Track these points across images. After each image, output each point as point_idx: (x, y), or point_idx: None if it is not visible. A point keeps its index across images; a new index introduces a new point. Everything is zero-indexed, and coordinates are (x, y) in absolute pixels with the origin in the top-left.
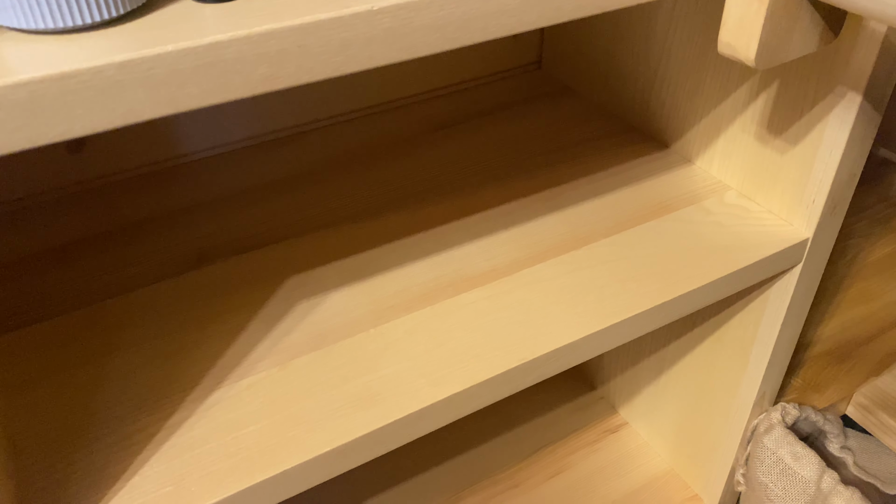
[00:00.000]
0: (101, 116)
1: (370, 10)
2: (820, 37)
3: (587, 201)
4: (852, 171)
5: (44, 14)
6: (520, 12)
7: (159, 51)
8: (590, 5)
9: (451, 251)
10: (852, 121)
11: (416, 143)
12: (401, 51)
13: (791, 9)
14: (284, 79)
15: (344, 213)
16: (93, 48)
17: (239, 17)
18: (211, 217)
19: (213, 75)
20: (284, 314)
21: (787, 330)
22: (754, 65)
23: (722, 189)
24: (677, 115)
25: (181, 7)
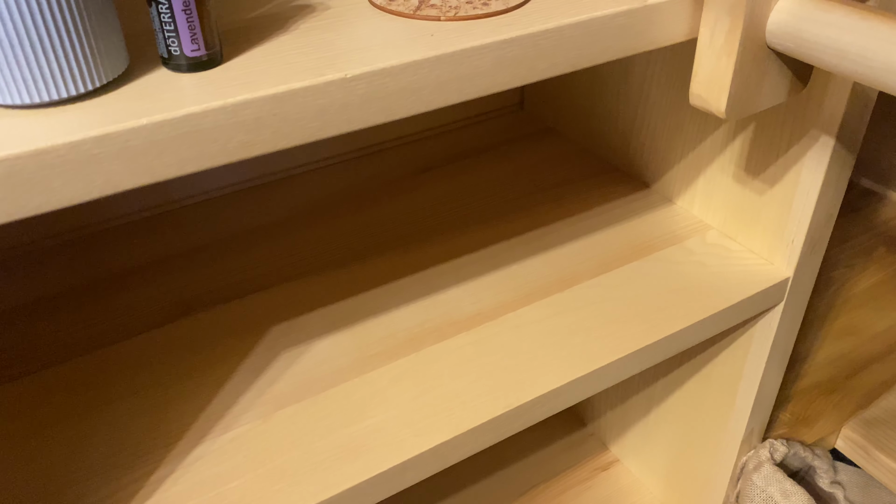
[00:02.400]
0: (79, 189)
1: (344, 77)
2: (789, 88)
3: (571, 242)
4: (829, 211)
5: (20, 90)
6: (494, 73)
7: (135, 124)
8: (563, 64)
9: (436, 295)
10: (827, 162)
11: (401, 185)
12: (377, 114)
13: (759, 62)
14: (261, 145)
15: (329, 259)
16: (70, 122)
17: (216, 86)
18: (196, 265)
19: (189, 145)
20: (269, 364)
21: (773, 366)
22: (725, 117)
23: (703, 229)
24: (657, 155)
25: (159, 77)
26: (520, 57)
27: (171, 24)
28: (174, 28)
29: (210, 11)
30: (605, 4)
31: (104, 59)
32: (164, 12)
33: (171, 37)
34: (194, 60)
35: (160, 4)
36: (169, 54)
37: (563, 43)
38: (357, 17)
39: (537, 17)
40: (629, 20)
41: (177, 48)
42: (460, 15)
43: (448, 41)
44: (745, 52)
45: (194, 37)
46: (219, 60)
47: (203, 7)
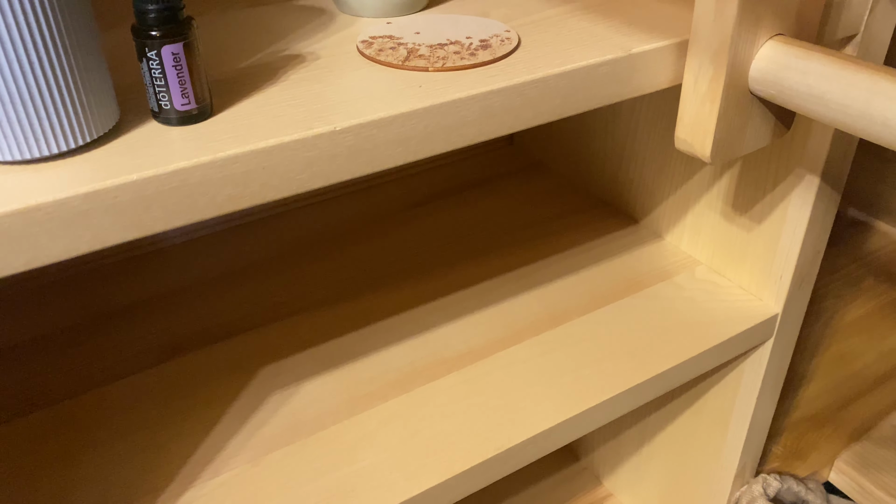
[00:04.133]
0: (66, 245)
1: (333, 130)
2: (772, 132)
3: (561, 279)
4: (816, 247)
5: (10, 146)
6: (481, 123)
7: (124, 180)
8: (548, 113)
9: (427, 333)
10: (813, 200)
11: (391, 222)
12: (364, 165)
13: (743, 108)
14: (249, 198)
15: (318, 297)
16: (59, 178)
17: (205, 139)
18: (184, 305)
19: (178, 199)
20: (258, 406)
21: (764, 400)
22: (710, 161)
23: (692, 264)
24: (646, 191)
25: (148, 130)
26: (506, 106)
27: (161, 79)
28: (164, 83)
29: (200, 66)
30: (590, 53)
31: (95, 115)
32: (154, 68)
33: (161, 91)
34: (184, 114)
35: (151, 60)
36: (159, 108)
37: (549, 92)
38: (346, 67)
39: (523, 67)
40: (614, 69)
41: (167, 102)
42: (448, 66)
43: (436, 92)
44: (729, 98)
45: (184, 91)
46: (209, 113)
47: (194, 62)
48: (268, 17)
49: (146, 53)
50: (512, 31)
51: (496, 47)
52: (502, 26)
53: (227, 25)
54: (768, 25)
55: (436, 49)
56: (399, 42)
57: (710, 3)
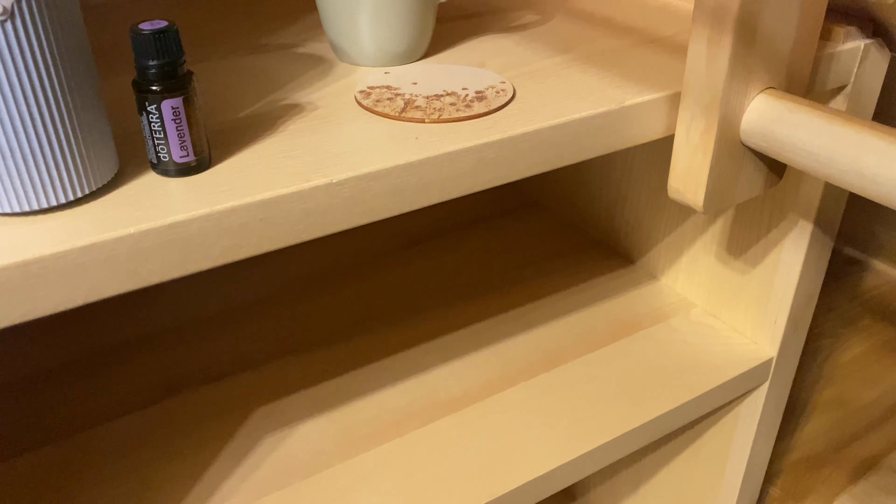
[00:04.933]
0: (63, 297)
1: (330, 182)
2: (765, 181)
3: (557, 320)
4: (810, 291)
5: (10, 199)
6: (475, 174)
7: (122, 233)
8: (542, 164)
9: (422, 374)
10: (806, 246)
11: (387, 260)
12: (361, 216)
13: (735, 158)
14: (245, 249)
15: (313, 337)
16: (58, 230)
17: (203, 191)
18: (178, 344)
19: (175, 251)
20: (252, 448)
21: (761, 442)
22: (703, 211)
23: (687, 306)
24: (641, 232)
25: (147, 181)
26: (500, 158)
27: (160, 132)
28: (164, 136)
29: (200, 119)
30: (584, 105)
31: (94, 168)
32: (154, 121)
33: (160, 144)
34: (183, 166)
35: (150, 114)
36: (158, 160)
37: (543, 144)
38: (344, 118)
39: (518, 119)
40: (607, 121)
41: (166, 154)
42: (444, 117)
43: (431, 144)
44: (721, 149)
45: (183, 144)
46: (207, 165)
47: (193, 116)
48: (267, 65)
49: (146, 107)
50: (507, 83)
51: (491, 99)
52: (497, 77)
53: (228, 73)
54: (759, 79)
55: (432, 100)
56: (396, 93)
57: (701, 57)
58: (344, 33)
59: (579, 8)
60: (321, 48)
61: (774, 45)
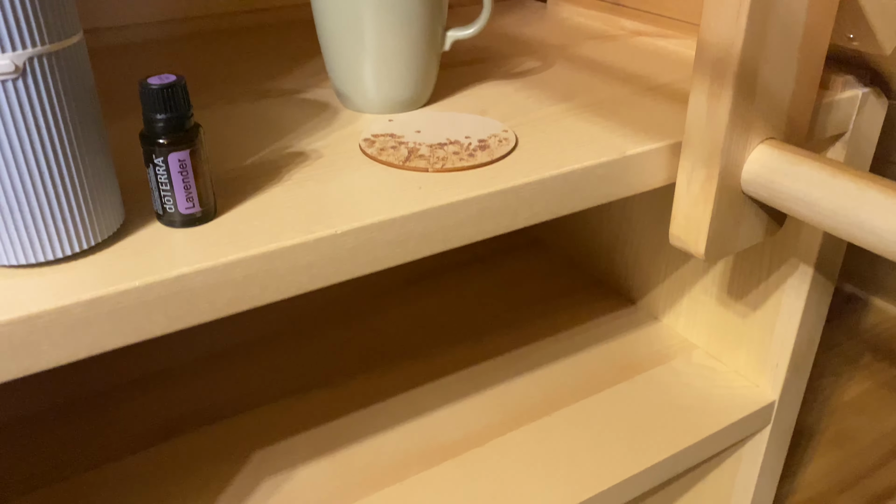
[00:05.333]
0: (66, 351)
1: (335, 233)
2: (765, 229)
3: (558, 361)
4: (811, 335)
5: (16, 251)
6: (478, 223)
7: (127, 286)
8: (544, 213)
9: (422, 418)
10: (807, 290)
11: (388, 298)
12: (363, 266)
13: (736, 207)
14: (249, 301)
15: (312, 378)
16: (63, 283)
17: (208, 243)
18: (178, 385)
19: (179, 304)
20: (252, 492)
21: (763, 485)
22: (704, 259)
23: (689, 348)
24: (642, 272)
25: (152, 232)
26: (503, 207)
27: (167, 184)
28: (170, 188)
29: (206, 171)
30: (586, 155)
31: (101, 219)
32: (160, 174)
33: (166, 195)
34: (188, 217)
35: (157, 167)
36: (164, 211)
37: (545, 193)
38: (348, 166)
39: (520, 168)
40: (609, 170)
41: (172, 206)
42: (447, 167)
43: (435, 194)
44: (722, 199)
45: (189, 195)
46: (212, 215)
47: (199, 168)
48: (273, 111)
49: (153, 160)
50: (510, 131)
51: (494, 148)
52: (500, 126)
53: (234, 119)
54: (759, 130)
55: (436, 149)
56: (400, 141)
57: (702, 109)
58: (349, 81)
59: (579, 54)
60: (326, 94)
61: (774, 98)
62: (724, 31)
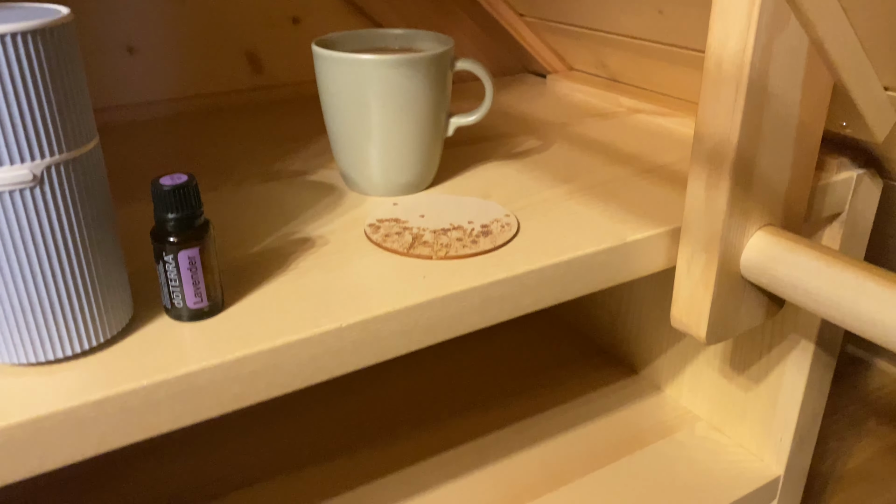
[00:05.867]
0: (73, 450)
1: (339, 327)
2: (766, 312)
3: (562, 434)
4: (815, 410)
5: (26, 350)
6: (482, 311)
7: (135, 386)
8: (547, 299)
9: (424, 494)
10: (808, 366)
11: (390, 369)
12: (367, 357)
13: (736, 291)
14: (254, 395)
15: (314, 450)
16: (71, 382)
17: (215, 337)
18: (179, 457)
19: (185, 401)
20: None
21: None
22: (706, 343)
23: (692, 420)
24: (644, 342)
25: (160, 326)
26: (506, 295)
27: (176, 280)
28: (179, 284)
29: (214, 266)
30: (587, 242)
31: (110, 317)
32: (170, 270)
33: (175, 291)
34: (196, 311)
35: (167, 264)
36: (172, 305)
37: (547, 281)
38: (354, 254)
39: (522, 255)
40: (610, 257)
41: (180, 301)
42: (451, 254)
43: (439, 284)
44: (722, 284)
45: (198, 290)
46: (219, 308)
47: (208, 264)
48: (279, 194)
49: (163, 257)
50: (511, 216)
51: (496, 234)
52: (502, 210)
53: (241, 202)
54: (757, 217)
55: (439, 235)
56: (404, 226)
57: (700, 198)
58: (355, 166)
59: (578, 133)
60: (332, 175)
61: (771, 186)
62: (720, 125)
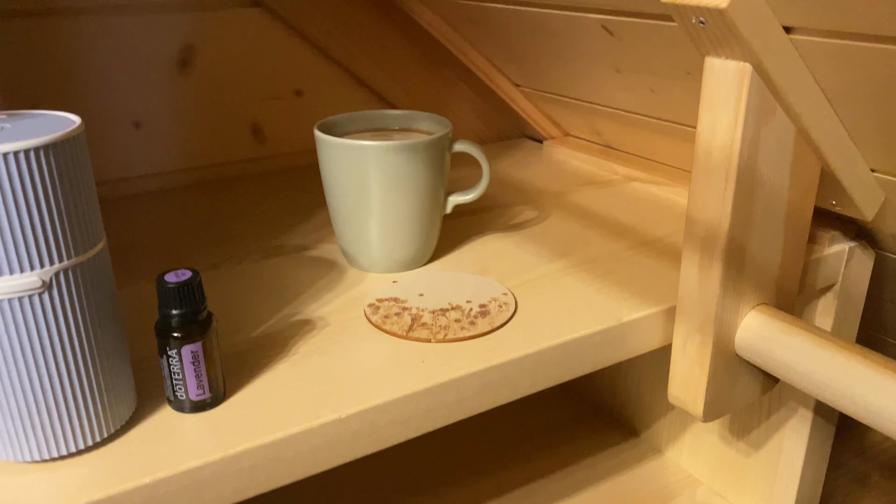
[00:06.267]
0: None
1: (339, 418)
2: (762, 387)
3: (562, 501)
4: (815, 476)
5: (31, 448)
6: (480, 396)
7: (137, 483)
8: (544, 381)
9: None
10: (808, 433)
11: None
12: (366, 447)
13: (731, 369)
14: (255, 488)
15: None
16: (74, 479)
17: (217, 429)
18: None
19: (187, 496)
20: None
21: None
22: (703, 420)
23: (693, 484)
24: (645, 404)
25: (162, 419)
26: (504, 379)
27: (179, 373)
28: (182, 377)
29: (217, 359)
30: (583, 323)
31: (114, 412)
32: (173, 364)
33: (178, 384)
34: (198, 403)
35: (171, 358)
36: (175, 397)
37: (545, 363)
38: (354, 336)
39: (520, 338)
40: (606, 338)
41: (183, 393)
42: (449, 337)
43: (437, 368)
44: (717, 363)
45: (200, 383)
46: (221, 399)
47: (211, 356)
48: (280, 271)
49: (167, 351)
50: (509, 294)
51: (494, 314)
52: (500, 288)
53: (243, 280)
54: (750, 297)
55: (438, 316)
56: (404, 307)
57: (693, 280)
58: (355, 244)
59: (574, 202)
60: (332, 250)
61: (763, 267)
62: (711, 211)
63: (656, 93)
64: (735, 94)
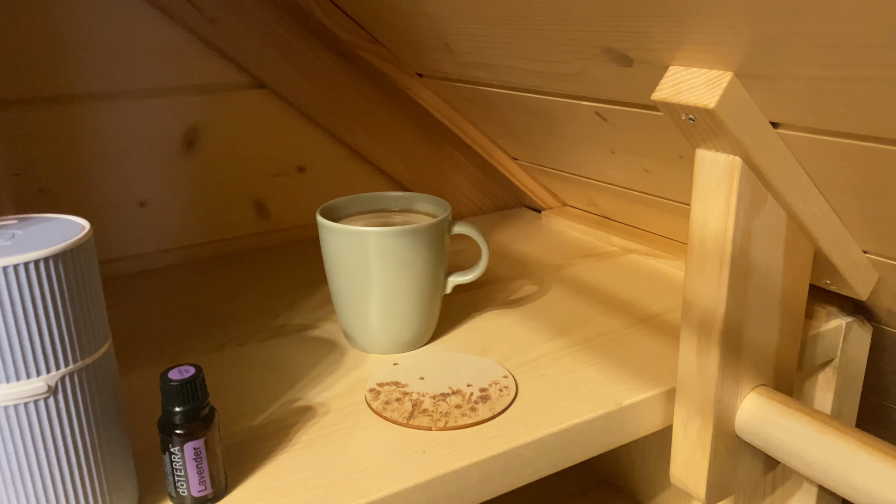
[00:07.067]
0: None
1: None
2: (764, 467)
3: None
4: None
5: None
6: (481, 486)
7: None
8: (546, 468)
9: None
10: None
11: None
12: None
13: (732, 451)
14: None
15: None
16: None
17: None
18: None
19: None
20: None
21: None
22: (705, 502)
23: None
24: (648, 475)
25: None
26: (506, 468)
27: (181, 470)
28: (184, 474)
29: (218, 454)
30: (584, 407)
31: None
32: (176, 461)
33: (180, 480)
34: (200, 499)
35: (173, 454)
36: (177, 493)
37: (546, 450)
38: (355, 424)
39: (521, 425)
40: (607, 422)
41: (185, 490)
42: (450, 424)
43: (438, 458)
44: (718, 445)
45: (202, 479)
46: (223, 494)
47: (213, 452)
48: (282, 353)
49: (170, 448)
50: (509, 376)
51: (495, 399)
52: (501, 371)
53: (244, 364)
54: (749, 379)
55: (439, 401)
56: (404, 391)
57: (692, 363)
58: (356, 326)
59: (573, 276)
60: (333, 330)
61: (760, 350)
62: (706, 296)
63: (650, 172)
64: (726, 185)
